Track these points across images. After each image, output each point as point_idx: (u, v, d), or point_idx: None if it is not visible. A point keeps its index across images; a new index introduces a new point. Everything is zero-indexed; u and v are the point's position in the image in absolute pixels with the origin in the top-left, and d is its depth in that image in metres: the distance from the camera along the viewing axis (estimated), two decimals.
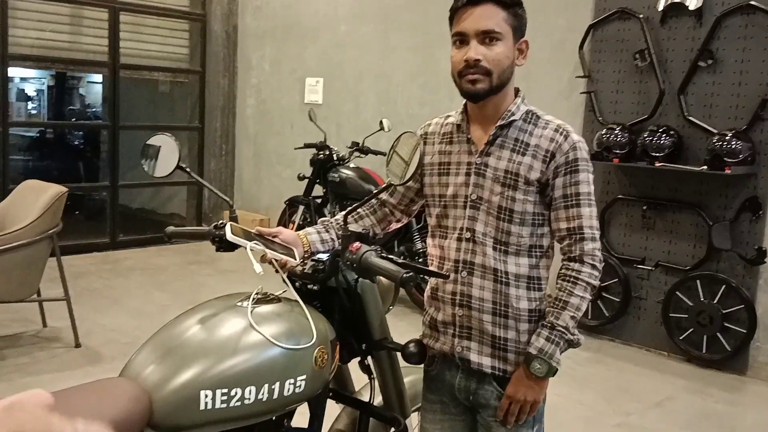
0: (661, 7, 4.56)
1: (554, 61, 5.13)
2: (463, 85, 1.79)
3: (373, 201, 2.04)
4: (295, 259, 1.76)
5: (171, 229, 1.94)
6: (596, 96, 4.93)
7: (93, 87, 12.39)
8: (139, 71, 7.36)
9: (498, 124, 1.82)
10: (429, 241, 1.96)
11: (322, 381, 1.70)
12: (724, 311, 4.41)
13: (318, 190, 5.93)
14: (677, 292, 4.61)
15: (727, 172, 4.19)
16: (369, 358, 1.92)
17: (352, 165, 5.72)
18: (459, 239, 1.84)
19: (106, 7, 6.78)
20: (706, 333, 4.49)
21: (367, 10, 6.39)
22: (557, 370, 1.76)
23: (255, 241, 1.72)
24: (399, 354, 1.89)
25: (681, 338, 4.59)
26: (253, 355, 1.57)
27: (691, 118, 4.50)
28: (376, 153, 5.76)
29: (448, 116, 1.95)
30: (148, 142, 1.92)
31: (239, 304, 1.68)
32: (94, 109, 12.20)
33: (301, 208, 5.88)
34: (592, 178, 1.81)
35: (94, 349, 4.31)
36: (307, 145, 5.86)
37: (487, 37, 1.75)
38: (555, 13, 5.11)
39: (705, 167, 4.29)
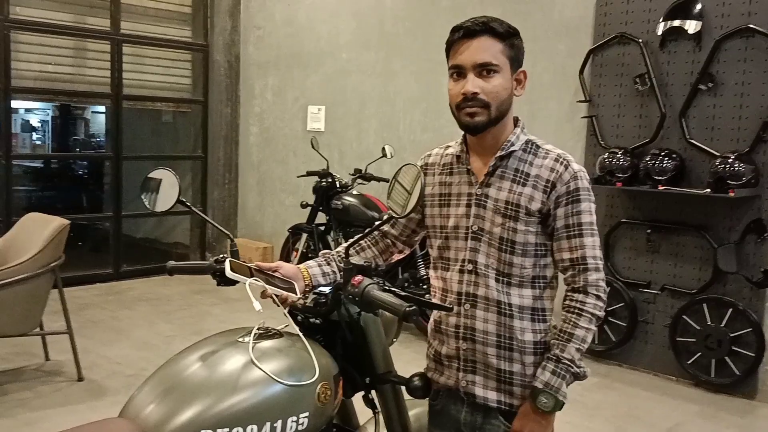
0: (660, 32, 4.58)
1: (556, 86, 5.14)
2: (462, 118, 1.79)
3: (375, 233, 2.04)
4: (296, 294, 1.75)
5: (172, 263, 1.92)
6: (598, 120, 4.93)
7: (98, 117, 12.48)
8: (142, 102, 7.41)
9: (497, 155, 1.81)
10: (431, 272, 1.95)
11: (326, 417, 1.67)
12: (731, 335, 4.37)
13: (321, 218, 5.93)
14: (684, 316, 4.57)
15: (731, 194, 4.17)
16: (373, 392, 1.89)
17: (354, 192, 5.72)
18: (461, 271, 1.84)
19: (108, 39, 6.84)
20: (714, 357, 4.45)
21: (369, 37, 6.43)
22: (564, 404, 1.74)
23: (254, 278, 1.71)
24: (403, 387, 1.87)
25: (689, 362, 4.54)
26: (254, 393, 1.55)
27: (693, 141, 4.50)
28: (378, 179, 5.76)
29: (448, 146, 1.95)
30: (149, 176, 1.92)
31: (240, 339, 1.67)
32: (98, 139, 12.27)
33: (305, 236, 5.87)
34: (594, 208, 1.80)
35: (98, 382, 4.28)
36: (310, 173, 5.87)
37: (484, 69, 1.75)
38: (555, 39, 5.14)
39: (708, 190, 4.27)
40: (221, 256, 1.86)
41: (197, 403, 1.51)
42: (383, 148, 5.64)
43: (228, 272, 1.69)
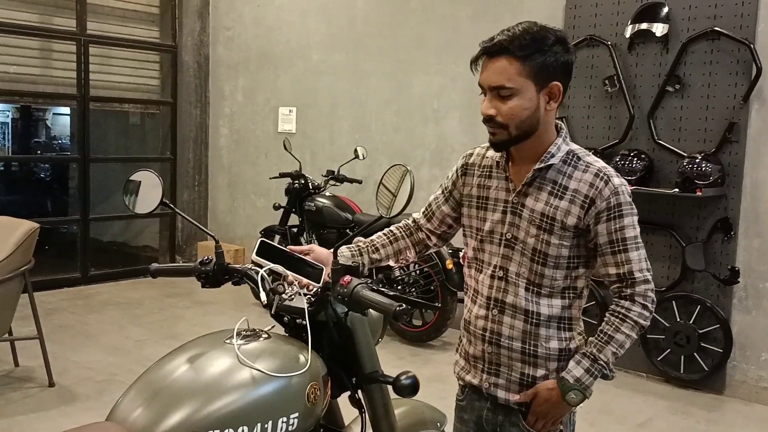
0: (628, 34, 4.66)
1: None
2: (488, 134, 1.79)
3: (410, 223, 2.06)
4: (319, 281, 1.76)
5: (155, 266, 1.91)
6: (568, 121, 5.00)
7: (59, 119, 12.26)
8: (110, 103, 7.30)
9: (536, 166, 1.79)
10: (465, 270, 1.97)
11: (314, 418, 1.68)
12: (700, 331, 4.46)
13: (294, 220, 5.91)
14: (654, 313, 4.64)
15: (699, 194, 4.26)
16: (359, 392, 1.90)
17: (327, 193, 5.72)
18: (492, 276, 1.86)
19: (74, 39, 6.73)
20: (683, 353, 4.54)
21: (339, 38, 6.43)
22: (587, 398, 1.80)
23: (278, 264, 1.73)
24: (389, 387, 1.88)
25: (659, 359, 4.63)
26: (244, 394, 1.54)
27: (661, 141, 4.59)
28: (351, 181, 5.77)
29: (489, 148, 1.91)
30: (131, 178, 1.91)
31: (227, 341, 1.66)
32: (60, 141, 12.06)
33: (277, 237, 5.85)
34: (636, 220, 1.78)
35: (69, 387, 4.21)
36: (283, 175, 5.85)
37: (500, 91, 1.71)
38: None
39: (677, 189, 4.36)
40: (206, 258, 1.87)
41: (187, 405, 1.50)
42: (356, 150, 5.65)
43: (253, 256, 1.72)
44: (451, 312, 5.06)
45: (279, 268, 1.72)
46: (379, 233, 2.06)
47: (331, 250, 1.93)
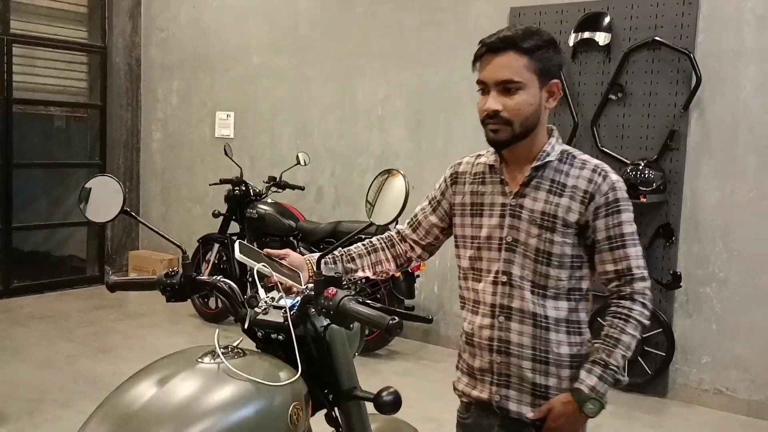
0: (571, 43, 4.72)
1: (472, 93, 5.16)
2: (486, 133, 1.77)
3: (392, 234, 2.00)
4: (300, 284, 1.70)
5: (114, 279, 1.76)
6: None
7: None
8: (35, 106, 6.94)
9: (534, 165, 1.78)
10: (461, 283, 1.90)
11: None
12: (643, 335, 4.53)
13: (234, 227, 5.73)
14: (599, 318, 4.69)
15: (643, 200, 4.34)
16: (336, 409, 1.80)
17: (269, 200, 5.58)
18: (494, 283, 1.80)
19: None
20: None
21: (282, 41, 6.29)
22: (604, 407, 1.73)
23: (263, 264, 1.64)
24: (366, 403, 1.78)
25: None
26: (225, 416, 1.42)
27: (604, 149, 4.66)
28: (293, 187, 5.65)
29: (479, 155, 1.92)
30: (87, 185, 1.76)
31: (200, 360, 1.53)
32: None
33: (216, 246, 5.66)
34: (632, 217, 1.77)
35: None
36: (223, 181, 5.68)
37: (507, 86, 1.71)
38: (471, 47, 5.16)
39: None
40: (171, 270, 1.75)
41: (163, 430, 1.37)
42: (297, 156, 5.54)
43: (238, 255, 1.63)
44: None
45: (265, 268, 1.63)
46: (359, 243, 1.98)
47: (306, 256, 1.85)
